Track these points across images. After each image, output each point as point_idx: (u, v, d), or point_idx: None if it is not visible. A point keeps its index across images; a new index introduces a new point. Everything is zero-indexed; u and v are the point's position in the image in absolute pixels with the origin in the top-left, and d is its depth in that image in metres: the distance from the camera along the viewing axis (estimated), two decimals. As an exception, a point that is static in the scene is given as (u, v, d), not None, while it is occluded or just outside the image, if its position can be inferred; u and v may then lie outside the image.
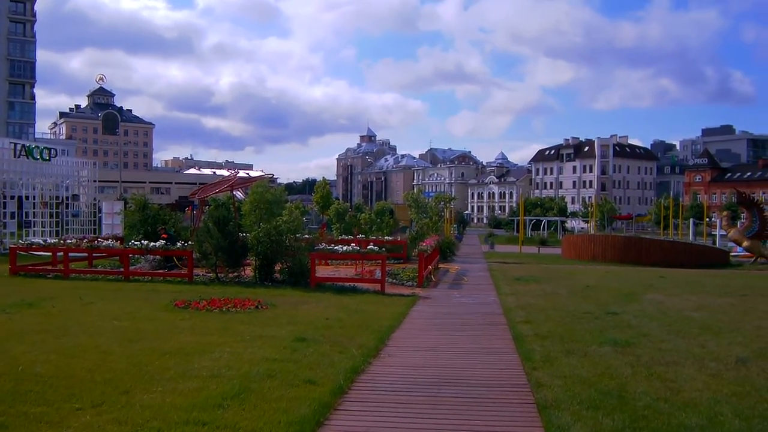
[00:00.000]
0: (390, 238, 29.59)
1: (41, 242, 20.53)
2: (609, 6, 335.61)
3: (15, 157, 29.64)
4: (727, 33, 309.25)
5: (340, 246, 16.68)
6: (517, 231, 70.36)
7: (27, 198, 33.27)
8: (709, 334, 10.63)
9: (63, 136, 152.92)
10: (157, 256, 19.64)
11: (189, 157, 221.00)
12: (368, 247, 16.44)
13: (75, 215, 37.06)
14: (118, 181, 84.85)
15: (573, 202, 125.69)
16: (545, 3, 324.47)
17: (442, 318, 12.43)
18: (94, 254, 21.13)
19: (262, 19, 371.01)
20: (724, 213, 32.04)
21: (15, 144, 30.63)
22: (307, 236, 18.18)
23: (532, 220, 64.73)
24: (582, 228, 62.01)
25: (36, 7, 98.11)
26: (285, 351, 8.62)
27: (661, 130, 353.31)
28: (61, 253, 19.49)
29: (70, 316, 11.37)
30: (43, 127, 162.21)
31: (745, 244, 30.11)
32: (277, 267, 17.61)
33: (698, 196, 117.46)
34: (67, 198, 37.14)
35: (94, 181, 37.02)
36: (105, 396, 6.41)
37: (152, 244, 18.26)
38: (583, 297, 15.73)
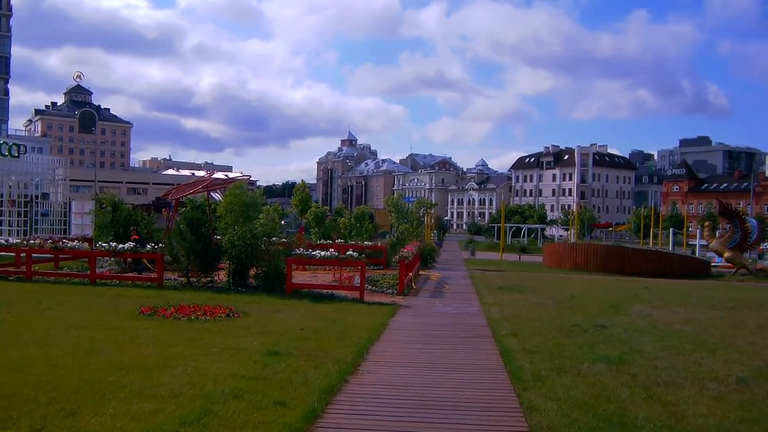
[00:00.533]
0: (370, 243, 28.91)
1: (2, 242, 19.52)
2: (588, 17, 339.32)
3: (-19, 153, 28.46)
4: (703, 46, 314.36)
5: (318, 251, 15.99)
6: (498, 238, 70.17)
7: (-6, 196, 32.12)
8: (703, 351, 10.12)
9: (38, 134, 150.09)
10: (129, 259, 18.82)
11: (167, 158, 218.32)
12: (347, 252, 15.76)
13: (45, 215, 35.84)
14: (93, 181, 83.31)
15: (552, 210, 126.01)
16: (526, 12, 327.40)
17: (425, 329, 11.80)
18: (60, 256, 20.21)
19: (244, 20, 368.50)
20: (706, 223, 31.89)
21: (-18, 140, 29.43)
22: (283, 240, 17.41)
23: (512, 227, 64.48)
24: (561, 236, 61.91)
25: (12, 1, 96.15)
26: (255, 366, 7.92)
27: (638, 141, 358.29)
28: (24, 254, 18.52)
29: (23, 323, 10.54)
30: (18, 124, 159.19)
31: (727, 255, 29.93)
32: (252, 272, 16.87)
33: (676, 206, 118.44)
34: (37, 197, 35.93)
35: (65, 180, 35.97)
36: (47, 419, 5.67)
37: (120, 246, 17.40)
38: (570, 308, 15.21)
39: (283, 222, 42.16)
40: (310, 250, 16.28)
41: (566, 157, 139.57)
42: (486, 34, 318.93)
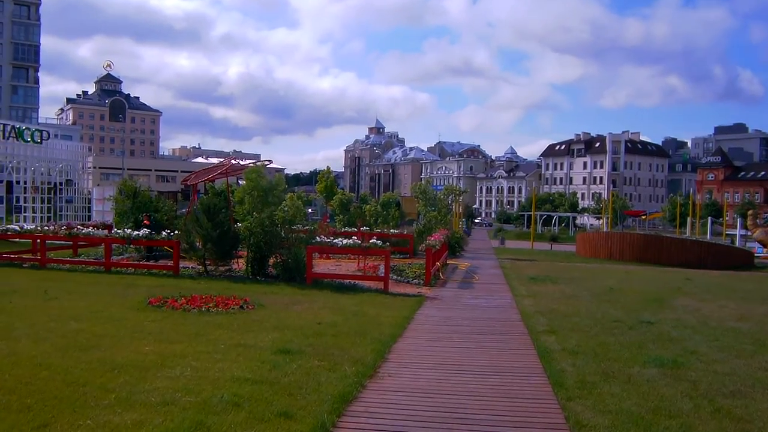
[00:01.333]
0: (396, 231, 28.01)
1: (16, 228, 19.03)
2: (616, 2, 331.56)
3: (3, 138, 28.16)
4: (735, 32, 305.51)
5: (340, 239, 15.12)
6: (527, 226, 68.68)
7: (18, 182, 31.90)
8: (766, 352, 9.01)
9: (70, 122, 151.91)
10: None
11: (197, 146, 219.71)
12: (371, 240, 14.85)
13: (69, 201, 35.63)
14: (122, 168, 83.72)
15: (583, 198, 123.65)
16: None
17: (453, 324, 10.85)
18: (78, 243, 19.69)
19: (270, 9, 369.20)
20: (750, 212, 30.25)
21: (4, 125, 29.14)
22: (305, 227, 16.55)
23: (542, 215, 62.95)
24: (593, 225, 60.25)
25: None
26: (262, 367, 7.07)
27: (669, 129, 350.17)
28: (41, 241, 17.99)
29: (22, 315, 9.85)
30: (50, 113, 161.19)
31: (772, 245, 28.35)
32: (272, 261, 16.08)
33: (712, 194, 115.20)
34: (61, 183, 35.68)
35: (94, 167, 35.73)
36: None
37: (135, 233, 16.74)
38: (609, 301, 14.12)
39: (309, 210, 41.49)
40: (332, 238, 15.41)
41: (597, 144, 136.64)
42: (512, 21, 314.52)
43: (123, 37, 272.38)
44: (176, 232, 16.72)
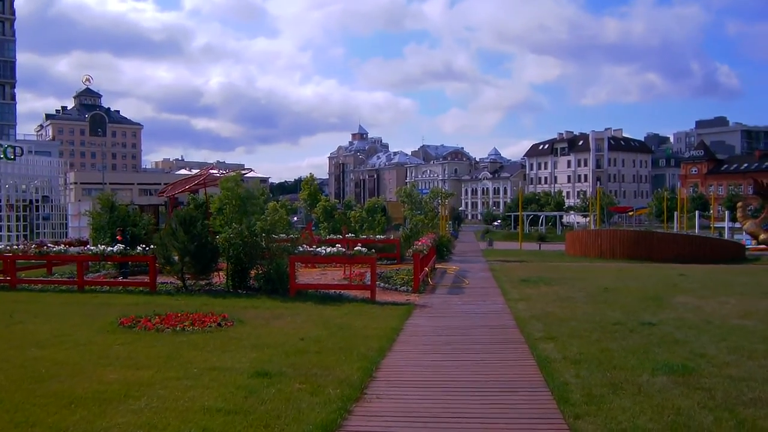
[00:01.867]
0: (382, 237, 27.40)
1: (-17, 249, 18.17)
2: (593, 2, 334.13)
3: (-26, 156, 27.22)
4: (710, 28, 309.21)
5: (323, 248, 14.47)
6: (514, 227, 68.29)
7: (-9, 200, 30.92)
8: (779, 352, 8.48)
9: (49, 139, 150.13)
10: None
11: (180, 158, 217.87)
12: (356, 248, 14.21)
13: (45, 218, 34.68)
14: (103, 183, 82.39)
15: (568, 197, 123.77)
16: (529, 0, 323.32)
17: (444, 334, 10.23)
18: (52, 261, 18.87)
19: (249, 19, 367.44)
20: (739, 204, 29.94)
21: (-26, 142, 28.18)
22: (288, 236, 15.85)
23: (529, 215, 62.61)
24: (579, 223, 60.02)
25: (15, 5, 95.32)
26: (237, 394, 6.40)
27: (650, 125, 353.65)
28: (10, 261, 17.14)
29: (-21, 343, 9.10)
30: (30, 130, 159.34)
31: (763, 236, 28.03)
32: (254, 273, 15.38)
33: (699, 187, 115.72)
34: (37, 200, 34.71)
35: (76, 183, 34.79)
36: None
37: (109, 249, 15.97)
38: (605, 302, 13.57)
39: (295, 218, 40.80)
40: (316, 247, 14.75)
41: (581, 142, 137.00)
42: (490, 24, 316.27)
43: (101, 52, 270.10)
44: (152, 246, 15.97)
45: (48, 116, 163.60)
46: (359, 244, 15.72)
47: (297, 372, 7.33)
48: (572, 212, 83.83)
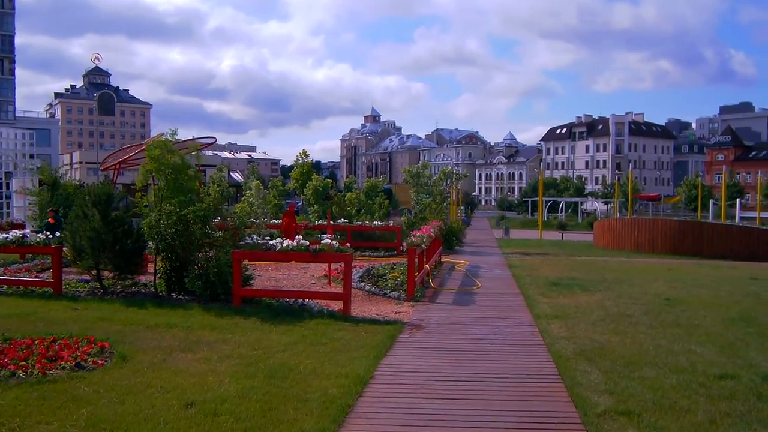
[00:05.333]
0: (381, 223, 23.34)
1: None
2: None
3: None
4: (724, 14, 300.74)
5: (279, 240, 10.42)
6: (532, 213, 63.90)
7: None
8: None
9: (58, 118, 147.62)
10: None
11: (191, 139, 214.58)
12: (324, 240, 10.10)
13: (9, 197, 30.95)
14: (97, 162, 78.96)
15: (586, 183, 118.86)
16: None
17: (438, 396, 6.13)
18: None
19: (261, 2, 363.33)
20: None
21: None
22: (227, 223, 11.65)
23: (548, 201, 58.20)
24: (602, 210, 55.53)
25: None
26: None
27: (665, 111, 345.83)
28: None
29: None
30: (40, 109, 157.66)
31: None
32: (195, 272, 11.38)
33: (718, 176, 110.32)
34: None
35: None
36: None
37: (4, 236, 11.99)
38: (678, 325, 9.43)
39: (300, 203, 36.79)
40: (267, 238, 10.68)
41: (600, 126, 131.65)
42: (501, 8, 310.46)
43: (116, 34, 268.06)
44: (58, 234, 12.02)
45: (57, 95, 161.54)
46: (329, 232, 11.62)
47: None
48: (591, 198, 79.13)
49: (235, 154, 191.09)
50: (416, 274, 12.40)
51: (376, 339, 8.23)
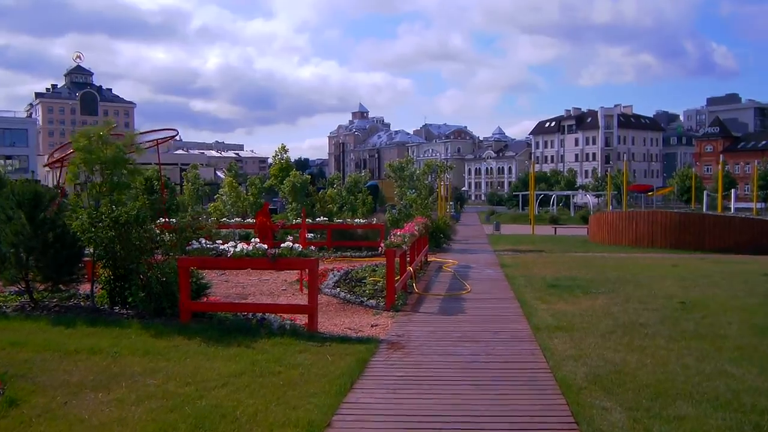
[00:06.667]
0: (363, 221, 21.82)
1: None
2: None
3: None
4: (703, 7, 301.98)
5: (231, 244, 8.89)
6: (523, 208, 62.53)
7: None
8: None
9: (39, 118, 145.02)
10: None
11: (177, 139, 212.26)
12: (283, 244, 8.56)
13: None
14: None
15: (576, 176, 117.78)
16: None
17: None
18: None
19: (246, 0, 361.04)
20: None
21: None
22: (183, 222, 10.07)
23: (539, 195, 56.87)
24: (595, 203, 54.28)
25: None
26: None
27: (653, 103, 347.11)
28: None
29: None
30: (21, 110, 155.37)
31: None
32: (141, 282, 9.78)
33: (708, 167, 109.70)
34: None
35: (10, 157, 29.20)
36: None
37: None
38: (701, 337, 7.98)
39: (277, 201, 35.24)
40: (218, 242, 9.15)
41: (589, 119, 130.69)
42: (483, 3, 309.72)
43: (97, 34, 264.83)
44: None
45: (38, 95, 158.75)
46: (305, 231, 10.07)
47: None
48: (582, 191, 77.94)
49: (222, 153, 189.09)
50: (397, 278, 10.92)
51: (343, 365, 6.70)
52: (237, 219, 21.73)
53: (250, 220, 21.42)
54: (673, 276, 13.98)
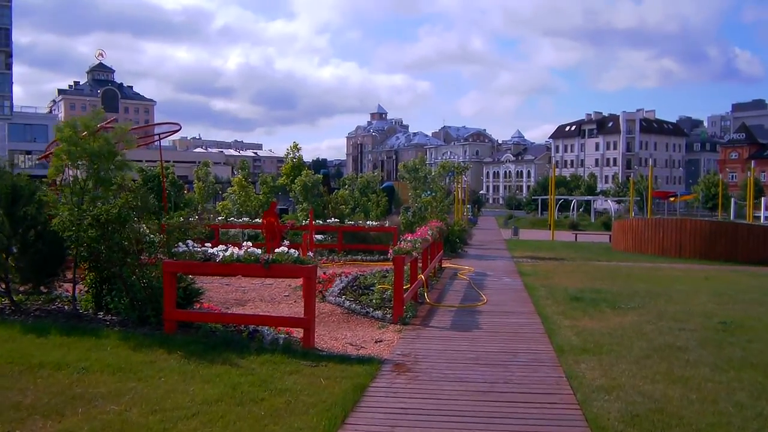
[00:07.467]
0: (375, 223, 20.92)
1: None
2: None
3: None
4: (728, 13, 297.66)
5: (221, 249, 8.03)
6: (541, 212, 61.29)
7: None
8: None
9: (61, 115, 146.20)
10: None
11: (197, 137, 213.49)
12: (279, 249, 7.68)
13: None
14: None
15: (597, 181, 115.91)
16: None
17: None
18: None
19: (268, 1, 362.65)
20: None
21: None
22: (176, 222, 9.25)
23: (559, 200, 55.60)
24: (617, 209, 52.89)
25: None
26: None
27: (676, 109, 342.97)
28: None
29: None
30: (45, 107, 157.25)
31: None
32: (124, 287, 8.96)
33: (733, 174, 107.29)
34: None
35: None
36: None
37: None
38: (754, 366, 6.98)
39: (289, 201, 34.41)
40: (206, 247, 8.30)
41: (610, 124, 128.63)
42: (504, 6, 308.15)
43: (122, 33, 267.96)
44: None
45: (60, 91, 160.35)
46: (316, 233, 9.17)
47: None
48: (603, 197, 76.40)
49: (240, 151, 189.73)
50: (407, 287, 10.01)
51: (337, 392, 5.80)
52: (245, 219, 20.92)
53: (258, 220, 20.64)
54: (707, 290, 12.90)
